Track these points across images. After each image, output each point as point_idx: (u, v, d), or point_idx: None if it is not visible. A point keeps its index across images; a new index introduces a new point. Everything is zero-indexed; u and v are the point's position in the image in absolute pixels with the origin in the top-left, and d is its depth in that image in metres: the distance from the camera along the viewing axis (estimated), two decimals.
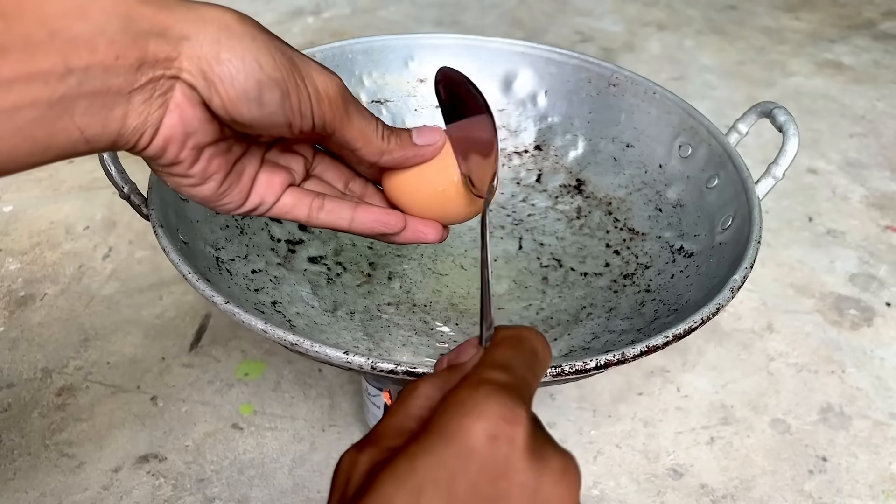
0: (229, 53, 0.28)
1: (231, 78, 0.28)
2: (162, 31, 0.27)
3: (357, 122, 0.33)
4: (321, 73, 0.31)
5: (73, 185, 0.95)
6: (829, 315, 0.80)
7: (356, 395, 0.70)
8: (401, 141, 0.35)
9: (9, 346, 0.73)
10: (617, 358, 0.36)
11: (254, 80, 0.28)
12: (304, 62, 0.30)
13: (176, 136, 0.30)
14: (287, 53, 0.30)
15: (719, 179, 0.51)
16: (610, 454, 0.66)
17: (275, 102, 0.29)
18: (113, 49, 0.26)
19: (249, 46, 0.28)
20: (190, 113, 0.29)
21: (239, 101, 0.29)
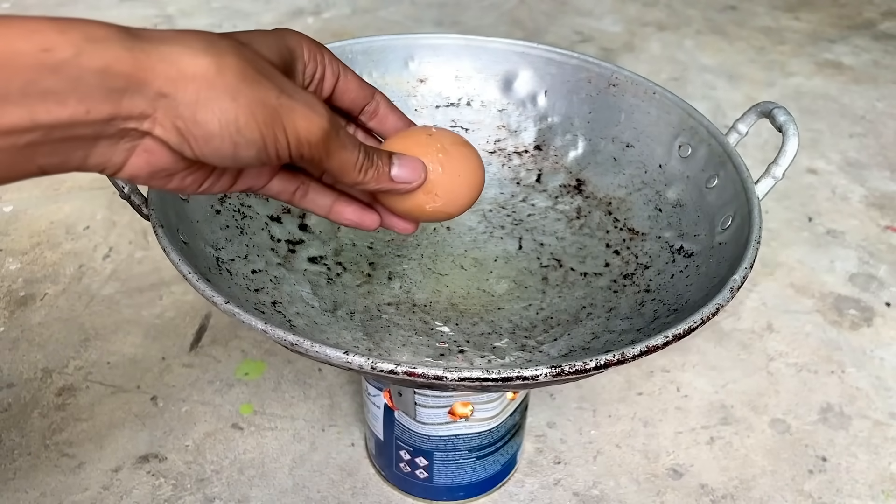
0: (206, 115, 0.27)
1: (206, 139, 0.27)
2: (138, 88, 0.26)
3: (336, 159, 0.32)
4: (306, 117, 0.29)
5: (74, 185, 0.95)
6: (828, 315, 0.80)
7: (356, 395, 0.70)
8: (377, 175, 0.35)
9: (9, 346, 0.73)
10: (617, 358, 0.36)
11: (230, 142, 0.28)
12: (289, 110, 0.29)
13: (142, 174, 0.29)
14: (270, 105, 0.28)
15: (719, 179, 0.51)
16: (610, 454, 0.66)
17: (250, 157, 0.29)
18: (83, 104, 0.25)
19: (228, 108, 0.27)
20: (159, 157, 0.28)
21: (211, 157, 0.28)
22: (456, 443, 0.57)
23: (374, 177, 0.34)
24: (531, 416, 0.68)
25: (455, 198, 0.39)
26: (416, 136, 0.39)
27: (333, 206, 0.39)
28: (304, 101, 0.29)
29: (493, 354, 0.49)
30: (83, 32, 0.24)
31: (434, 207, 0.38)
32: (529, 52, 0.60)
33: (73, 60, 0.24)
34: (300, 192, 0.37)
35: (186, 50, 0.26)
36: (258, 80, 0.28)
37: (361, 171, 0.34)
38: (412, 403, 0.54)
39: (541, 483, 0.63)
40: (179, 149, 0.28)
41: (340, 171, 0.33)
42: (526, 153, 0.62)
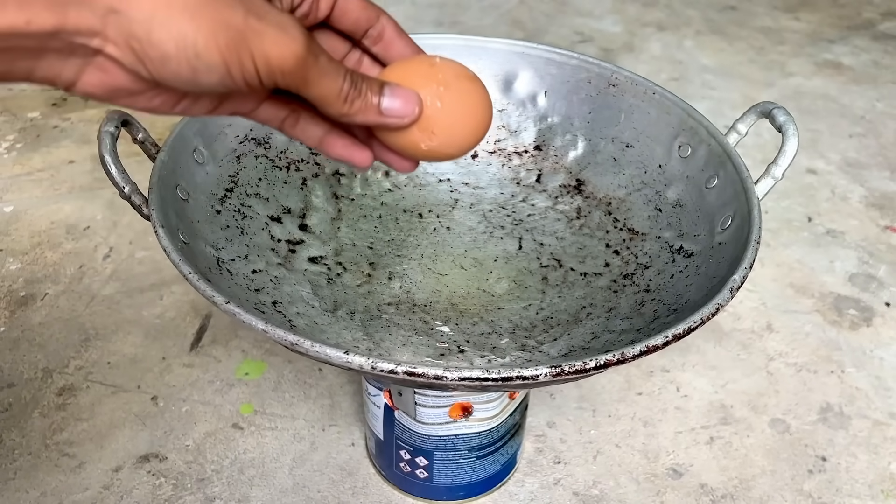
0: (161, 34, 0.24)
1: (162, 61, 0.25)
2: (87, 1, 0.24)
3: (316, 88, 0.29)
4: (277, 42, 0.26)
5: (74, 185, 0.95)
6: (828, 315, 0.80)
7: (356, 395, 0.70)
8: (364, 106, 0.31)
9: (10, 345, 0.74)
10: (616, 358, 0.36)
11: (188, 65, 0.25)
12: (257, 33, 0.26)
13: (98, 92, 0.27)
14: (235, 26, 0.25)
15: (719, 179, 0.51)
16: (609, 454, 0.66)
17: (213, 82, 0.27)
18: (23, 14, 0.23)
19: (186, 28, 0.25)
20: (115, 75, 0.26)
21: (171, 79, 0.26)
22: (456, 442, 0.57)
23: (361, 108, 0.31)
24: (531, 415, 0.68)
25: (454, 137, 0.35)
26: (418, 65, 0.35)
27: (325, 138, 0.35)
28: (276, 23, 0.26)
29: (493, 354, 0.49)
30: None
31: (430, 146, 0.34)
32: (529, 52, 0.60)
33: None
34: (290, 121, 0.34)
35: None
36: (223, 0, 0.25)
37: (347, 102, 0.30)
38: (412, 403, 0.54)
39: (541, 483, 0.63)
40: (134, 69, 0.26)
41: (322, 101, 0.30)
42: (526, 153, 0.62)
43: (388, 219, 0.59)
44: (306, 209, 0.57)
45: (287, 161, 0.57)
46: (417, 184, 0.62)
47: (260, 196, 0.55)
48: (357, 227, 0.58)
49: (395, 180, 0.61)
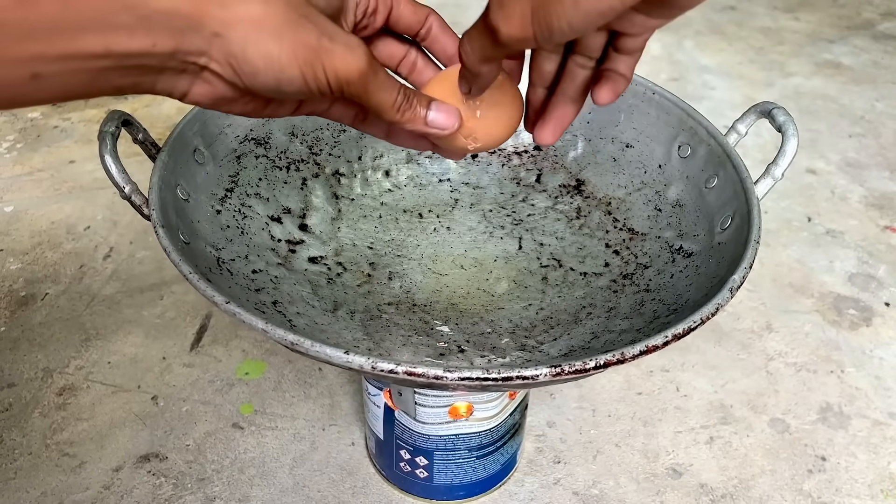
0: (253, 53, 0.30)
1: (253, 74, 0.31)
2: (197, 28, 0.29)
3: (374, 98, 0.34)
4: (344, 58, 0.32)
5: (74, 185, 0.95)
6: (828, 315, 0.81)
7: (356, 395, 0.70)
8: (413, 117, 0.36)
9: (10, 345, 0.74)
10: (616, 358, 0.36)
11: (274, 77, 0.31)
12: (328, 52, 0.32)
13: (204, 100, 0.33)
14: (312, 45, 0.31)
15: (718, 179, 0.51)
16: (609, 453, 0.66)
17: (293, 91, 0.32)
18: (150, 39, 0.29)
19: (272, 48, 0.30)
20: (217, 86, 0.32)
21: (261, 89, 0.32)
22: (456, 442, 0.57)
23: (411, 118, 0.36)
24: (531, 415, 0.68)
25: (493, 138, 0.40)
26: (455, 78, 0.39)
27: (391, 130, 0.41)
28: (344, 43, 0.32)
29: (493, 354, 0.49)
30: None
31: (475, 147, 0.40)
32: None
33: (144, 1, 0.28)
34: (360, 117, 0.40)
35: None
36: (301, 24, 0.31)
37: (399, 111, 0.36)
38: (412, 403, 0.54)
39: (540, 482, 0.63)
40: (233, 81, 0.32)
41: (379, 109, 0.35)
42: (526, 153, 0.62)
43: (388, 219, 0.59)
44: (306, 209, 0.57)
45: (287, 161, 0.58)
46: (417, 184, 0.62)
47: (260, 196, 0.55)
48: (357, 228, 0.58)
49: (395, 180, 0.61)
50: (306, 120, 0.59)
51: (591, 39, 0.36)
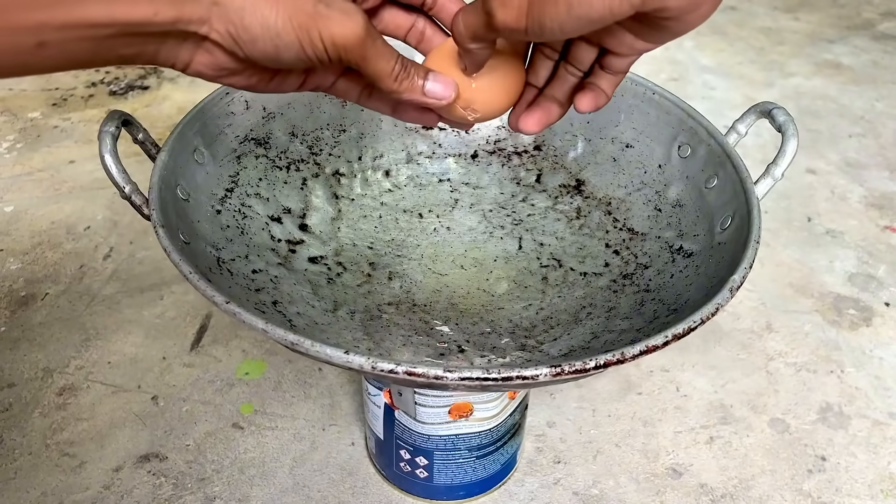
0: (251, 20, 0.31)
1: (252, 41, 0.32)
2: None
3: (372, 65, 0.35)
4: (341, 24, 0.33)
5: (74, 185, 0.95)
6: (827, 315, 0.81)
7: (356, 395, 0.70)
8: (411, 87, 0.37)
9: (10, 345, 0.74)
10: (616, 358, 0.36)
11: (272, 44, 0.32)
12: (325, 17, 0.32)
13: (207, 71, 0.34)
14: (308, 11, 0.32)
15: (718, 179, 0.51)
16: (609, 453, 0.66)
17: (291, 58, 0.33)
18: (152, 8, 0.30)
19: (269, 14, 0.31)
20: (219, 56, 0.33)
21: (260, 58, 0.33)
22: (456, 442, 0.57)
23: (408, 87, 0.37)
24: (531, 415, 0.68)
25: (493, 108, 0.41)
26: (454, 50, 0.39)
27: (397, 107, 0.41)
28: (340, 9, 0.33)
29: (493, 354, 0.49)
30: None
31: (475, 117, 0.41)
32: None
33: None
34: (365, 94, 0.41)
35: None
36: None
37: (397, 80, 0.36)
38: (412, 403, 0.54)
39: (540, 482, 0.63)
40: (232, 49, 0.32)
41: (376, 77, 0.35)
42: (525, 153, 0.62)
43: (389, 219, 0.59)
44: (306, 209, 0.57)
45: (287, 161, 0.58)
46: (417, 184, 0.62)
47: (260, 196, 0.55)
48: (357, 228, 0.58)
49: (395, 180, 0.61)
50: (306, 120, 0.59)
51: (582, 53, 0.38)
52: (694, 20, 0.31)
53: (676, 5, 0.30)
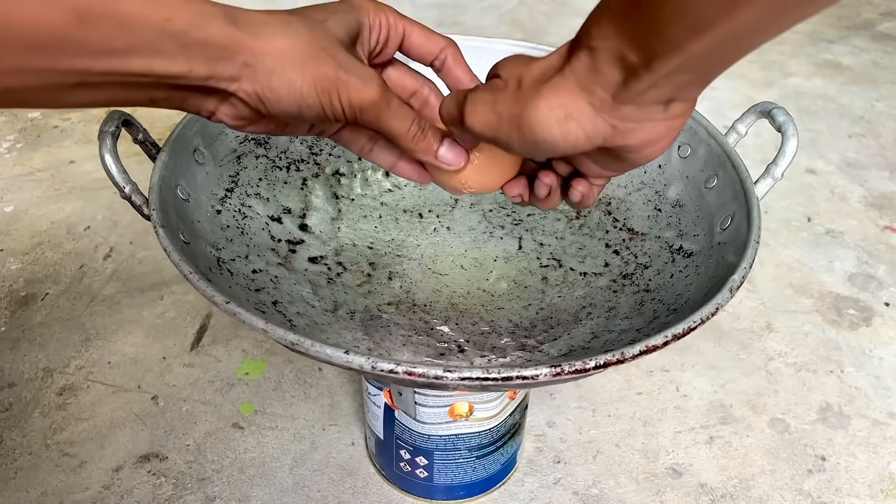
0: (278, 83, 0.34)
1: (278, 101, 0.34)
2: (230, 58, 0.33)
3: (387, 125, 0.37)
4: (358, 90, 0.35)
5: (75, 185, 0.95)
6: (827, 315, 0.81)
7: (356, 395, 0.70)
8: (426, 148, 0.39)
9: (10, 345, 0.74)
10: (616, 357, 0.36)
11: (295, 105, 0.35)
12: (344, 84, 0.35)
13: (228, 120, 0.36)
14: (330, 76, 0.35)
15: (718, 179, 0.51)
16: (609, 453, 0.66)
17: (311, 116, 0.36)
18: (188, 64, 0.32)
19: (295, 78, 0.34)
20: (242, 110, 0.36)
21: (282, 115, 0.35)
22: (456, 442, 0.57)
23: (423, 148, 0.39)
24: (531, 415, 0.68)
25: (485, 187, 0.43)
26: None
27: (397, 163, 0.44)
28: (358, 76, 0.35)
29: (493, 354, 0.49)
30: (198, 9, 0.32)
31: (467, 190, 0.43)
32: (529, 52, 0.60)
33: (186, 31, 0.31)
34: (367, 147, 0.43)
35: (269, 30, 0.34)
36: (321, 57, 0.35)
37: (413, 140, 0.39)
38: (412, 403, 0.54)
39: (540, 482, 0.63)
40: (257, 107, 0.35)
41: (393, 136, 0.38)
42: None
43: (389, 219, 0.59)
44: (306, 209, 0.57)
45: (287, 161, 0.58)
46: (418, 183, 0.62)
47: (260, 196, 0.55)
48: (357, 228, 0.58)
49: (395, 181, 0.61)
50: None
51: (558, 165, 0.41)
52: (653, 153, 0.34)
53: (635, 143, 0.33)
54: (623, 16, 0.29)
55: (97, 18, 0.29)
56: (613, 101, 0.31)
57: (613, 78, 0.30)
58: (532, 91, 0.33)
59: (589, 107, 0.32)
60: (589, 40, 0.31)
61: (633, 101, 0.31)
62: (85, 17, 0.29)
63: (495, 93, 0.35)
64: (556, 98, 0.32)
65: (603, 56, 0.30)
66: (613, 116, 0.32)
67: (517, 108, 0.33)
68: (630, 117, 0.32)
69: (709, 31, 0.27)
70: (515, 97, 0.34)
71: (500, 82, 0.35)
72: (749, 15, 0.26)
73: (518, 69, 0.35)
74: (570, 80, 0.32)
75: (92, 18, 0.29)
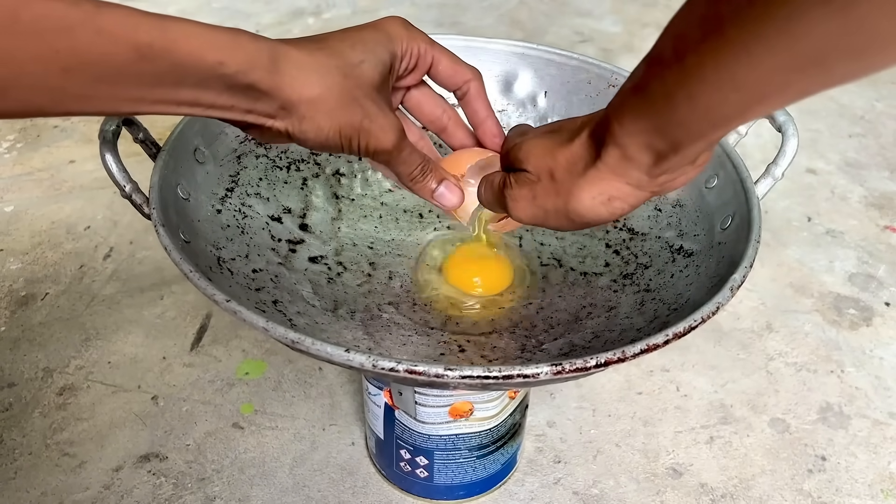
0: (308, 126, 0.38)
1: (304, 140, 0.39)
2: (269, 100, 0.37)
3: (396, 167, 0.43)
4: (377, 139, 0.40)
5: (75, 185, 0.95)
6: (828, 315, 0.81)
7: (356, 395, 0.70)
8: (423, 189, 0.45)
9: (10, 345, 0.74)
10: (617, 356, 0.36)
11: (320, 144, 0.39)
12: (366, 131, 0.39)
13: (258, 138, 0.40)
14: (355, 125, 0.39)
15: (718, 180, 0.51)
16: (609, 453, 0.66)
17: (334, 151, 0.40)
18: (232, 101, 0.36)
19: (323, 125, 0.38)
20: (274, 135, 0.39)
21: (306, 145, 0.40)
22: (456, 442, 0.57)
23: (420, 189, 0.45)
24: (531, 415, 0.68)
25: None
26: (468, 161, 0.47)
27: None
28: (380, 126, 0.40)
29: (493, 353, 0.49)
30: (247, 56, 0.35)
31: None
32: (529, 52, 0.60)
33: (234, 75, 0.35)
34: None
35: (307, 79, 0.37)
36: (350, 108, 0.39)
37: (413, 181, 0.44)
38: (413, 403, 0.54)
39: (541, 482, 0.63)
40: (288, 137, 0.39)
41: (398, 176, 0.44)
42: None
43: (389, 219, 0.59)
44: (306, 209, 0.57)
45: (287, 161, 0.58)
46: None
47: (260, 196, 0.55)
48: (357, 227, 0.58)
49: None
50: None
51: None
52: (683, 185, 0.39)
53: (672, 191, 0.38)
54: (643, 115, 0.32)
55: (156, 55, 0.32)
56: (649, 178, 0.34)
57: (645, 161, 0.33)
58: (569, 184, 0.37)
59: (627, 186, 0.35)
60: (614, 138, 0.34)
61: (667, 171, 0.34)
62: (145, 55, 0.32)
63: (532, 188, 0.39)
64: (595, 188, 0.36)
65: (632, 148, 0.33)
66: (651, 185, 0.35)
67: (560, 201, 0.37)
68: (666, 181, 0.35)
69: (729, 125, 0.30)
70: (555, 191, 0.38)
71: (532, 177, 0.39)
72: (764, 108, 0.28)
73: (545, 161, 0.38)
74: (604, 172, 0.35)
75: (151, 55, 0.32)
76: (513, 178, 0.40)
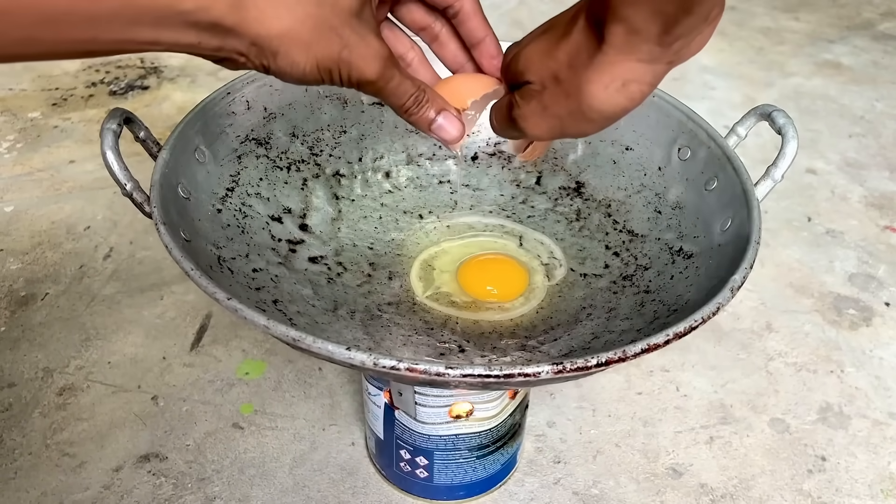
0: (283, 61, 0.35)
1: (282, 76, 0.36)
2: (237, 37, 0.34)
3: (387, 97, 0.39)
4: (360, 68, 0.37)
5: (74, 185, 0.95)
6: (828, 315, 0.81)
7: (356, 395, 0.70)
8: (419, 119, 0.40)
9: (10, 345, 0.74)
10: (618, 356, 0.36)
11: (298, 80, 0.36)
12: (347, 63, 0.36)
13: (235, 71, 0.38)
14: (333, 57, 0.36)
15: (718, 182, 0.51)
16: (609, 453, 0.66)
17: (313, 83, 0.37)
18: (197, 38, 0.33)
19: (298, 59, 0.35)
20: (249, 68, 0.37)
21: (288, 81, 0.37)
22: (456, 442, 0.57)
23: (416, 120, 0.41)
24: (531, 415, 0.68)
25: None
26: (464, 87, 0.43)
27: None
28: (361, 55, 0.36)
29: (493, 354, 0.49)
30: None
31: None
32: None
33: (193, 12, 0.32)
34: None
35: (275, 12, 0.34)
36: (327, 37, 0.35)
37: (407, 114, 0.40)
38: (413, 403, 0.54)
39: (541, 482, 0.63)
40: (265, 72, 0.36)
41: (392, 107, 0.40)
42: None
43: (389, 220, 0.59)
44: (307, 209, 0.57)
45: (288, 161, 0.58)
46: (418, 185, 0.62)
47: (261, 196, 0.55)
48: (357, 228, 0.58)
49: (395, 182, 0.61)
50: (307, 120, 0.59)
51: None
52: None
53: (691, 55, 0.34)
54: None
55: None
56: (662, 48, 0.31)
57: (655, 30, 0.30)
58: (577, 81, 0.33)
59: (640, 64, 0.32)
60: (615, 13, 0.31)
61: (681, 36, 0.31)
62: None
63: (539, 99, 0.35)
64: (606, 75, 0.32)
65: (637, 19, 0.30)
66: (666, 55, 0.32)
67: (572, 103, 0.34)
68: (681, 47, 0.32)
69: None
70: (564, 94, 0.34)
71: (536, 86, 0.35)
72: None
73: (545, 65, 0.35)
74: (612, 54, 0.32)
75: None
76: (518, 96, 0.37)
